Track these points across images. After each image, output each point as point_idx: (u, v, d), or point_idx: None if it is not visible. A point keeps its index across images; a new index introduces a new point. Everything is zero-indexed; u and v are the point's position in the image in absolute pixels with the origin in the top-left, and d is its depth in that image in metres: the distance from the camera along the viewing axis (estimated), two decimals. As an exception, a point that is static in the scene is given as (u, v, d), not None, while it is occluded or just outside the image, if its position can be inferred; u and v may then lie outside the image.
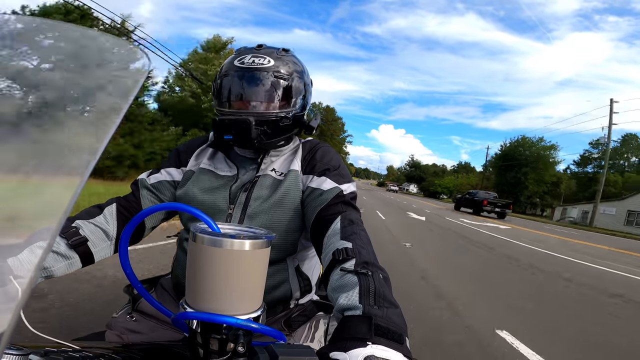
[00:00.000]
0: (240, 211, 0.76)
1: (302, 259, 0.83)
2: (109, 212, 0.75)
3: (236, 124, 0.74)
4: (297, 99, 0.80)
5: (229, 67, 0.78)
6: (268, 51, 0.79)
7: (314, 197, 0.74)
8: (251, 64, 0.76)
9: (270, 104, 0.77)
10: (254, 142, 0.75)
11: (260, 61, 0.76)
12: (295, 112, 0.80)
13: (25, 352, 0.33)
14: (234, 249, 0.41)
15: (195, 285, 0.42)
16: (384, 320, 0.44)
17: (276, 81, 0.76)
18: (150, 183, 0.82)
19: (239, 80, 0.77)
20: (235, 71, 0.77)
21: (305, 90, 0.82)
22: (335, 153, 0.86)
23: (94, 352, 0.46)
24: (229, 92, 0.77)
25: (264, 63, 0.76)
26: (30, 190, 0.23)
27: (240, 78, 0.77)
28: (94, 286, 2.69)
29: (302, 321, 0.82)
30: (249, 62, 0.76)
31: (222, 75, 0.79)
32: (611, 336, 2.82)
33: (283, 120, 0.78)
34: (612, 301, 3.92)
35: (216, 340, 0.42)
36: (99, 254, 0.71)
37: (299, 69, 0.81)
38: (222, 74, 0.79)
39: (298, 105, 0.80)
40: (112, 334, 0.73)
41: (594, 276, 5.28)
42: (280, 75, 0.76)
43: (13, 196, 0.25)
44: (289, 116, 0.78)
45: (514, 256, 6.25)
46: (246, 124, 0.73)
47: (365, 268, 0.54)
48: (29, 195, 0.24)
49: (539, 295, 3.88)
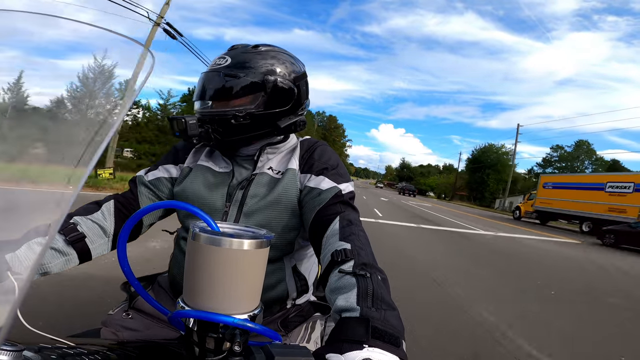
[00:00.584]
0: (237, 209, 0.76)
1: (299, 259, 0.83)
2: (106, 208, 0.75)
3: (176, 121, 0.75)
4: (255, 97, 0.76)
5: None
6: (234, 51, 0.79)
7: (312, 196, 0.74)
8: (213, 65, 0.78)
9: (220, 103, 0.76)
10: (191, 139, 0.75)
11: (219, 62, 0.77)
12: (253, 110, 0.75)
13: (19, 348, 0.33)
14: (233, 249, 0.41)
15: (193, 283, 0.42)
16: (381, 322, 0.44)
17: (225, 80, 0.75)
18: (148, 180, 0.82)
19: (199, 81, 0.79)
20: (202, 73, 0.80)
21: (271, 88, 0.76)
22: (334, 152, 0.85)
23: (89, 349, 0.46)
24: (196, 94, 0.80)
25: (221, 63, 0.77)
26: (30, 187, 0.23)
27: (202, 80, 0.79)
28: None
29: (299, 322, 0.81)
30: (213, 64, 0.78)
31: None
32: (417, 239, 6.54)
33: (236, 119, 0.74)
34: (418, 219, 11.01)
35: (212, 339, 0.42)
36: (97, 250, 0.71)
37: (266, 66, 0.76)
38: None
39: (257, 103, 0.76)
40: (107, 331, 0.73)
41: (420, 211, 15.15)
42: (230, 74, 0.75)
43: (12, 192, 0.25)
44: (240, 114, 0.74)
45: (402, 207, 16.64)
46: (182, 122, 0.74)
47: (363, 270, 0.54)
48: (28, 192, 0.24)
49: (395, 208, 14.38)
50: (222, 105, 0.76)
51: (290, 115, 0.81)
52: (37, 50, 0.30)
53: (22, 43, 0.29)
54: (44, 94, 0.28)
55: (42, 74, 0.30)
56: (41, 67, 0.30)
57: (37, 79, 0.28)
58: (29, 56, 0.29)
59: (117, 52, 0.29)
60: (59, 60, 0.32)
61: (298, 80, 0.80)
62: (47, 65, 0.31)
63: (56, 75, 0.31)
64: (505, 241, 8.11)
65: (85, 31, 0.27)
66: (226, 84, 0.75)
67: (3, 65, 0.28)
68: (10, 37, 0.27)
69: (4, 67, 0.28)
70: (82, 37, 0.30)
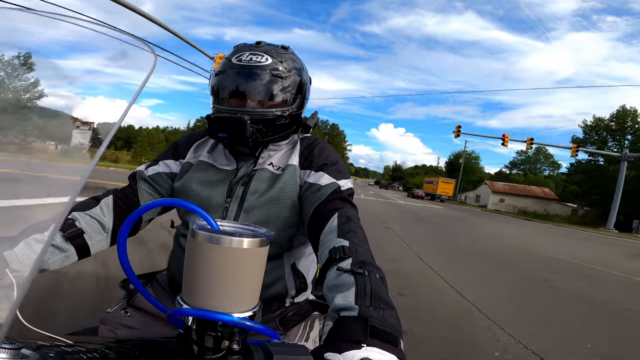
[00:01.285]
0: (237, 205, 0.75)
1: (298, 256, 0.83)
2: (105, 204, 0.74)
3: (231, 122, 0.72)
4: (295, 97, 0.79)
5: (226, 64, 0.77)
6: (267, 49, 0.78)
7: (312, 192, 0.74)
8: (249, 61, 0.75)
9: (266, 102, 0.76)
10: (248, 140, 0.74)
11: (258, 59, 0.75)
12: (292, 110, 0.79)
13: (17, 346, 0.33)
14: (233, 247, 0.41)
15: (192, 281, 0.42)
16: (379, 321, 0.44)
17: (273, 79, 0.75)
18: (148, 175, 0.82)
19: (235, 77, 0.75)
20: (232, 68, 0.76)
21: (303, 89, 0.81)
22: (333, 149, 0.85)
23: (87, 347, 0.46)
24: (225, 90, 0.76)
25: (262, 61, 0.75)
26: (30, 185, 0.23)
27: (237, 75, 0.75)
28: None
29: (297, 320, 0.82)
30: (247, 60, 0.75)
31: (219, 72, 0.77)
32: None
33: (280, 119, 0.77)
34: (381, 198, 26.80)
35: (211, 338, 0.41)
36: (95, 246, 0.70)
37: (298, 67, 0.80)
38: (219, 70, 0.78)
39: (295, 103, 0.79)
40: (105, 329, 0.73)
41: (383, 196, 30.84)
42: (278, 74, 0.75)
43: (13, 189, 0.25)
44: (285, 115, 0.77)
45: (379, 194, 36.02)
46: (241, 122, 0.72)
47: (362, 268, 0.54)
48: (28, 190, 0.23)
49: (372, 195, 30.15)
50: (267, 104, 0.76)
51: (303, 114, 0.86)
52: (41, 49, 0.30)
53: (25, 43, 0.29)
54: (46, 92, 0.28)
55: (44, 73, 0.30)
56: (44, 66, 0.30)
57: (40, 78, 0.28)
58: (33, 55, 0.29)
59: (119, 52, 0.29)
60: (62, 60, 0.32)
61: (310, 83, 0.88)
62: (50, 65, 0.31)
63: (59, 74, 0.30)
64: (408, 204, 23.29)
65: (88, 31, 0.27)
66: (273, 83, 0.75)
67: (6, 64, 0.28)
68: (13, 36, 0.27)
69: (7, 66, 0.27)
70: (85, 37, 0.30)
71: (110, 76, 0.30)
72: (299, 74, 0.79)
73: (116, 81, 0.31)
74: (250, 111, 0.74)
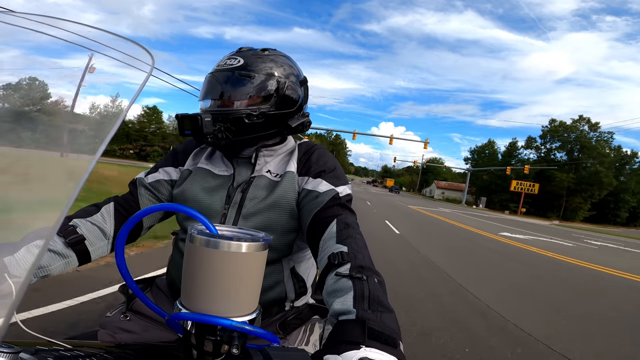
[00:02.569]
0: (235, 211, 0.76)
1: (297, 261, 0.82)
2: (106, 210, 0.75)
3: (190, 119, 0.74)
4: (269, 96, 0.78)
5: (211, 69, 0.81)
6: (244, 53, 0.80)
7: (310, 199, 0.74)
8: (223, 65, 0.78)
9: (231, 102, 0.77)
10: (207, 137, 0.75)
11: (230, 62, 0.78)
12: (266, 109, 0.77)
13: (16, 350, 0.33)
14: (231, 251, 0.41)
15: (191, 286, 0.42)
16: (377, 324, 0.44)
17: (240, 80, 0.76)
18: (148, 182, 0.82)
19: (210, 80, 0.79)
20: (210, 73, 0.79)
21: (282, 89, 0.79)
22: (331, 155, 0.85)
23: (86, 351, 0.45)
24: (203, 93, 0.79)
25: (233, 63, 0.77)
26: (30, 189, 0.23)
27: (211, 78, 0.79)
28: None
29: (297, 324, 0.81)
30: (222, 65, 0.78)
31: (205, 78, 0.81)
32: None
33: (250, 118, 0.76)
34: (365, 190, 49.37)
35: (210, 342, 0.41)
36: (96, 252, 0.71)
37: (276, 67, 0.80)
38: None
39: (269, 103, 0.78)
40: (104, 333, 0.72)
41: (368, 188, 62.52)
42: (246, 74, 0.76)
43: (12, 195, 0.25)
44: (255, 113, 0.76)
45: (367, 188, 62.88)
46: (198, 119, 0.73)
47: (360, 272, 0.54)
48: (28, 194, 0.23)
49: (360, 188, 53.79)
50: (235, 104, 0.77)
51: (296, 115, 0.84)
52: (40, 51, 0.30)
53: (25, 44, 0.29)
54: (45, 94, 0.28)
55: (44, 74, 0.30)
56: (44, 68, 0.31)
57: (39, 80, 0.29)
58: (32, 57, 0.29)
59: (117, 53, 0.29)
60: (61, 61, 0.32)
61: (302, 84, 0.85)
62: (49, 66, 0.31)
63: (58, 76, 0.31)
64: (381, 192, 49.42)
65: (87, 33, 0.27)
66: (240, 83, 0.76)
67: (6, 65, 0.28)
68: (14, 38, 0.27)
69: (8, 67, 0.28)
70: (84, 39, 0.30)
71: (110, 78, 0.31)
72: (275, 73, 0.79)
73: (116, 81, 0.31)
74: (215, 110, 0.76)
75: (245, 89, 0.76)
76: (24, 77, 0.28)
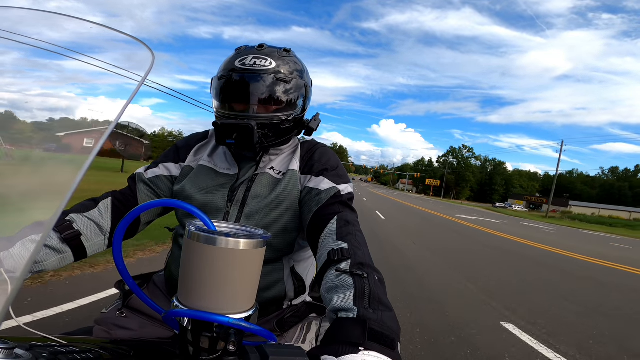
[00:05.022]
0: (238, 209, 0.75)
1: (297, 260, 0.82)
2: (103, 206, 0.74)
3: (238, 128, 0.72)
4: (298, 100, 0.79)
5: (229, 67, 0.76)
6: (269, 51, 0.77)
7: (312, 196, 0.74)
8: (252, 65, 0.74)
9: (272, 107, 0.75)
10: (255, 146, 0.73)
11: (261, 62, 0.74)
12: (296, 114, 0.79)
13: (10, 346, 0.33)
14: (229, 248, 0.40)
15: (188, 282, 0.42)
16: (378, 324, 0.44)
17: (277, 83, 0.74)
18: (147, 177, 0.81)
19: (240, 82, 0.74)
20: (235, 72, 0.75)
21: (306, 91, 0.81)
22: (334, 154, 0.85)
23: (81, 347, 0.45)
24: (230, 94, 0.75)
25: (265, 65, 0.74)
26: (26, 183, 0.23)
27: (242, 80, 0.74)
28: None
29: (294, 322, 0.81)
30: (251, 64, 0.74)
31: (223, 76, 0.76)
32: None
33: (284, 123, 0.76)
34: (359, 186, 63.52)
35: (207, 339, 0.41)
36: (92, 248, 0.70)
37: (300, 70, 0.80)
38: (222, 74, 0.76)
39: (299, 106, 0.79)
40: (100, 329, 0.72)
41: (360, 184, 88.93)
42: (282, 77, 0.74)
43: (9, 190, 0.24)
44: (289, 119, 0.77)
45: (359, 184, 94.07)
46: (249, 129, 0.71)
47: (360, 269, 0.54)
48: (24, 189, 0.23)
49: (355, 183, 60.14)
50: (272, 109, 0.75)
51: (305, 117, 0.85)
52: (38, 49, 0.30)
53: (23, 41, 0.29)
54: (43, 92, 0.28)
55: (42, 72, 0.30)
56: (42, 66, 0.30)
57: (37, 77, 0.28)
58: (31, 55, 0.29)
59: (117, 50, 0.29)
60: (60, 59, 0.32)
61: (311, 85, 0.87)
62: (47, 64, 0.31)
63: (56, 73, 0.30)
64: (369, 186, 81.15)
65: (86, 30, 0.27)
66: (280, 88, 0.75)
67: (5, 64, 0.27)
68: (12, 35, 0.27)
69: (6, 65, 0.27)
70: (83, 35, 0.30)
71: (109, 76, 0.30)
72: (301, 76, 0.79)
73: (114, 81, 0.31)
74: (256, 116, 0.73)
75: (282, 92, 0.75)
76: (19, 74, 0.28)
